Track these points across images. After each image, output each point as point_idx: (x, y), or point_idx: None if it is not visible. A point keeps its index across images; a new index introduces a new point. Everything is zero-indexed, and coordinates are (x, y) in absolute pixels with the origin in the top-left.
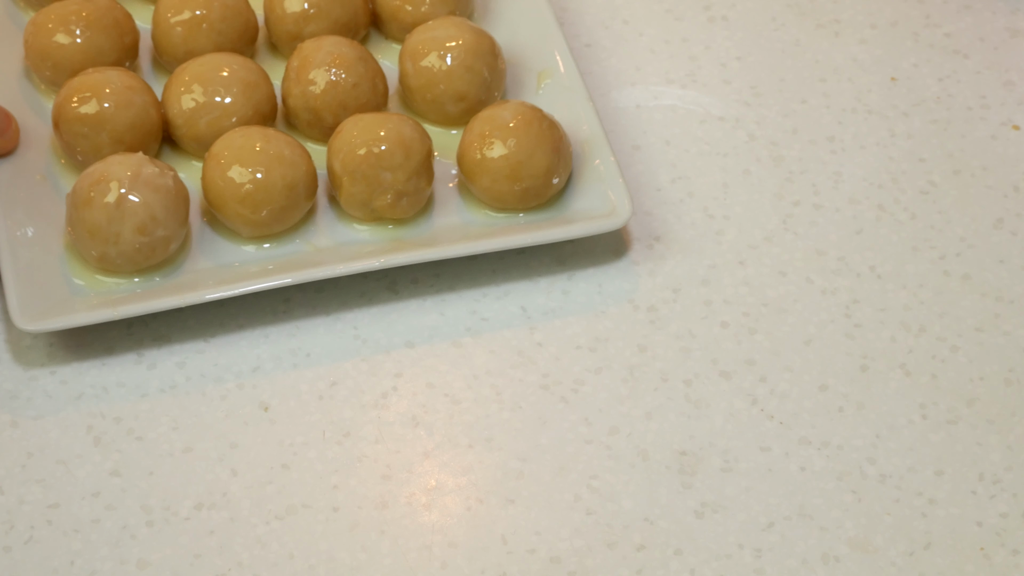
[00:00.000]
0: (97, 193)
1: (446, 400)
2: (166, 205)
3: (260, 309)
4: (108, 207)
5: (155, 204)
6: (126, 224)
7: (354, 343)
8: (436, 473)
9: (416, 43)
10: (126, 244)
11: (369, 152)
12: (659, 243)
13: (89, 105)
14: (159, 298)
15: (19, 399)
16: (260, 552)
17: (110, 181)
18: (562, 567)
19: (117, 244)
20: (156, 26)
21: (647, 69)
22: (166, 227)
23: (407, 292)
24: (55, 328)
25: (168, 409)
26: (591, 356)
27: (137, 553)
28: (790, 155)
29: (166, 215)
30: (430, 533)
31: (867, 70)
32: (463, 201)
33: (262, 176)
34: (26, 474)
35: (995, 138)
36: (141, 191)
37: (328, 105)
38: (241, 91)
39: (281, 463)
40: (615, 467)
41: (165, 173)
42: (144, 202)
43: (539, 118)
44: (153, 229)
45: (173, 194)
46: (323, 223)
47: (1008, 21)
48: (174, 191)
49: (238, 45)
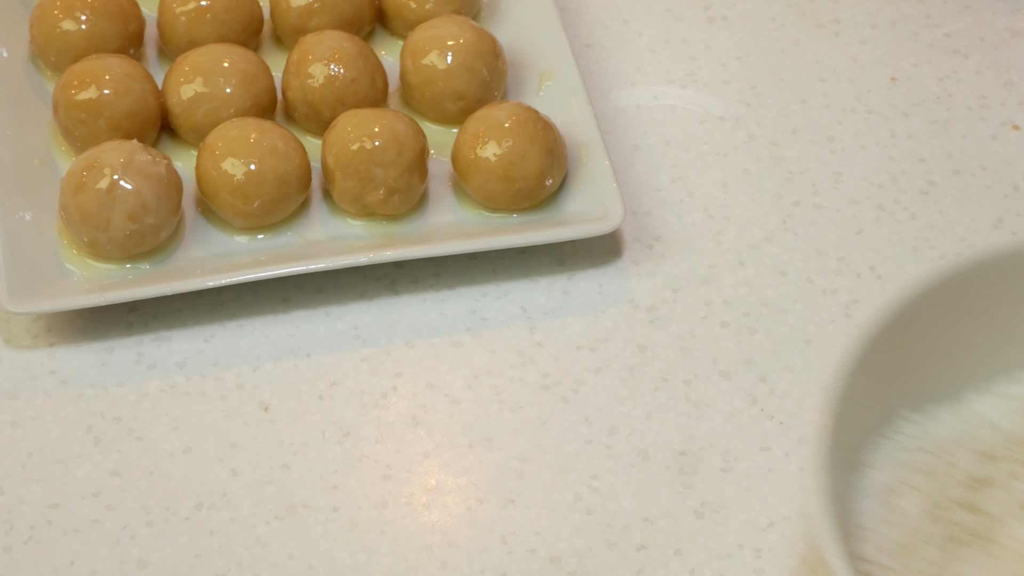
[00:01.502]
0: (89, 178)
1: (446, 400)
2: (158, 193)
3: (260, 309)
4: (99, 193)
5: (146, 192)
6: (116, 210)
7: (354, 343)
8: (436, 473)
9: (417, 40)
10: (116, 230)
11: (362, 147)
12: (659, 243)
13: (88, 91)
14: (147, 285)
15: (19, 399)
16: (260, 552)
17: (103, 167)
18: (562, 567)
19: (107, 230)
20: (161, 15)
21: (647, 69)
22: (157, 215)
23: (407, 292)
24: (40, 311)
25: (168, 409)
26: (591, 356)
27: (137, 553)
28: (790, 155)
29: (157, 203)
30: (430, 533)
31: (867, 70)
32: (457, 200)
33: (255, 168)
34: (26, 474)
35: (995, 138)
36: (133, 178)
37: (326, 99)
38: (240, 82)
39: (281, 463)
40: (615, 467)
41: (158, 161)
42: (135, 189)
43: (534, 119)
44: (143, 216)
45: (165, 182)
46: (316, 217)
47: (1008, 21)
48: (167, 179)
49: (242, 37)
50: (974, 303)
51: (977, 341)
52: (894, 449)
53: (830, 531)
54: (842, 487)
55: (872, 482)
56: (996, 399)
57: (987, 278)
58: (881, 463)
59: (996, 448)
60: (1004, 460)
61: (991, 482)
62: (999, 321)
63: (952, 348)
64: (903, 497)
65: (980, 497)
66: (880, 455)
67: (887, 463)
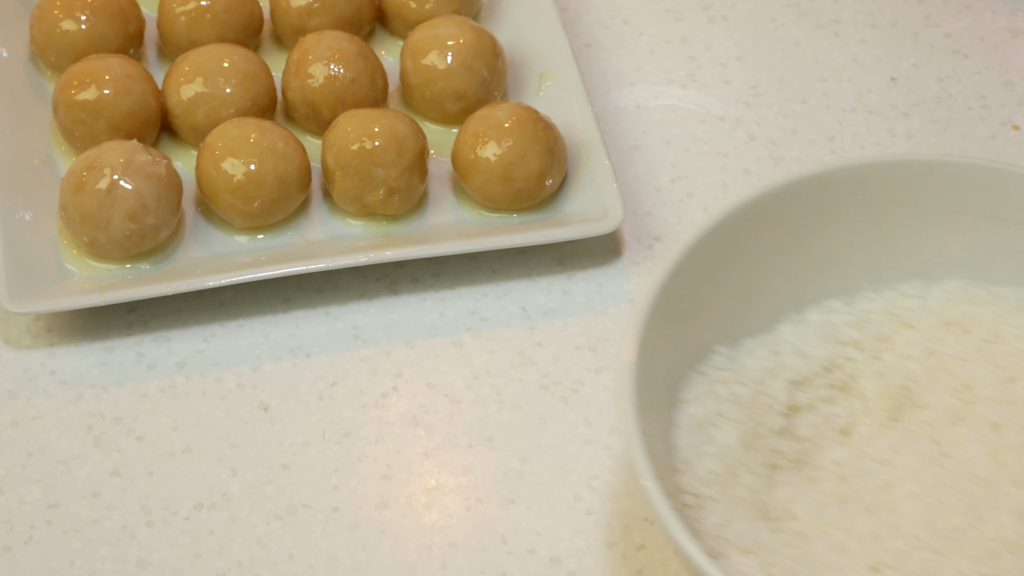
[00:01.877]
0: (89, 179)
1: (446, 400)
2: (158, 193)
3: (260, 309)
4: (99, 193)
5: (146, 192)
6: (116, 210)
7: (354, 343)
8: (436, 473)
9: (417, 40)
10: (116, 230)
11: (361, 147)
12: (659, 243)
13: (88, 91)
14: (147, 285)
15: (19, 399)
16: (260, 552)
17: (102, 167)
18: (562, 567)
19: (107, 230)
20: (161, 15)
21: (647, 69)
22: (157, 215)
23: (407, 292)
24: (40, 311)
25: (168, 409)
26: (591, 356)
27: (137, 553)
28: (790, 155)
29: (157, 203)
30: (430, 533)
31: (867, 70)
32: (457, 200)
33: (255, 168)
34: (26, 474)
35: (995, 138)
36: (133, 178)
37: (325, 99)
38: (240, 82)
39: (281, 463)
40: (615, 467)
41: (158, 161)
42: (135, 189)
43: (534, 119)
44: (143, 216)
45: (165, 182)
46: (316, 217)
47: (1008, 21)
48: (166, 179)
49: (242, 37)
50: (779, 235)
51: (786, 273)
52: (710, 383)
53: (643, 462)
54: (662, 423)
55: (690, 417)
56: (805, 328)
57: (790, 208)
58: (698, 398)
59: (807, 376)
60: (815, 387)
61: (805, 408)
62: (806, 251)
63: (762, 282)
64: (721, 429)
65: (795, 423)
66: (697, 390)
67: (704, 397)
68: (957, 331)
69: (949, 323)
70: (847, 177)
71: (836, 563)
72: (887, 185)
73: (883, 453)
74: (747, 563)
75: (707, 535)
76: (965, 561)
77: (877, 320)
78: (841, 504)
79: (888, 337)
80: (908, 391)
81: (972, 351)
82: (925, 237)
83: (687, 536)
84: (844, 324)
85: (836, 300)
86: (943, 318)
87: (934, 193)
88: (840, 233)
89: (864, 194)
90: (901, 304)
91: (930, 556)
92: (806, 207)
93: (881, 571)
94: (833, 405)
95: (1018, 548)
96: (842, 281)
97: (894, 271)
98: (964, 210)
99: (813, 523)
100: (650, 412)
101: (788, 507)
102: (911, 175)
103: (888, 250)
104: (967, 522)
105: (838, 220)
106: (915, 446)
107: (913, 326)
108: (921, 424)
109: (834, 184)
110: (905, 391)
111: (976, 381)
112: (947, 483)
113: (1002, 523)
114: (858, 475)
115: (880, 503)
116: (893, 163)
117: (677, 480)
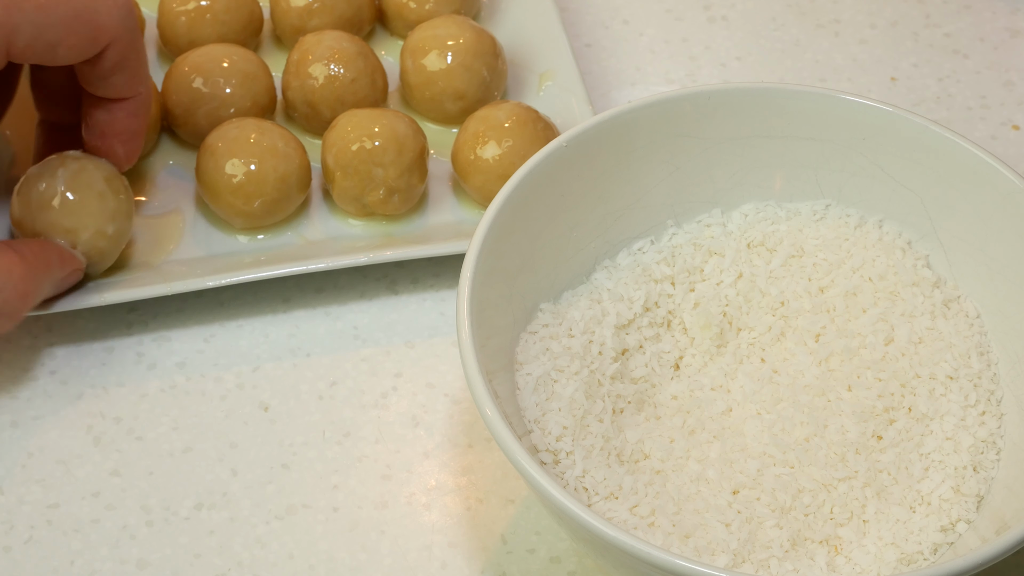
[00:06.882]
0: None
1: (446, 400)
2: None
3: (260, 309)
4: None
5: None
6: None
7: (354, 343)
8: (436, 473)
9: (417, 40)
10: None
11: (361, 147)
12: None
13: None
14: (147, 285)
15: (19, 399)
16: (260, 552)
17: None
18: (562, 567)
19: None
20: (161, 15)
21: (647, 69)
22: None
23: (407, 292)
24: (40, 311)
25: (168, 409)
26: None
27: (137, 553)
28: None
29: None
30: (430, 533)
31: (867, 70)
32: (457, 200)
33: (255, 168)
34: (26, 474)
35: (995, 138)
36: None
37: (325, 99)
38: (240, 83)
39: (281, 463)
40: None
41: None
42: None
43: (534, 119)
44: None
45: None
46: (316, 217)
47: (1008, 21)
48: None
49: (242, 37)
50: (581, 185)
51: (594, 221)
52: (542, 340)
53: (498, 423)
54: (507, 387)
55: (529, 377)
56: (619, 272)
57: (588, 157)
58: (534, 357)
59: (630, 318)
60: (640, 327)
61: (634, 350)
62: (610, 197)
63: (572, 234)
64: (561, 384)
65: (628, 366)
66: (532, 350)
67: (539, 356)
68: (762, 251)
69: (753, 245)
70: (636, 119)
71: (698, 493)
72: (674, 121)
73: (717, 380)
74: (615, 508)
75: (570, 488)
76: (817, 469)
77: (685, 253)
78: (689, 436)
79: (698, 268)
80: (727, 317)
81: (780, 268)
82: (715, 166)
83: (551, 482)
84: (654, 263)
85: (643, 240)
86: (746, 241)
87: (717, 122)
88: (638, 175)
89: (654, 133)
90: (704, 234)
91: (784, 470)
92: (604, 155)
93: (741, 492)
94: (660, 343)
95: (863, 447)
96: (647, 221)
97: (692, 203)
98: (747, 133)
99: (666, 459)
100: (496, 378)
101: (640, 447)
102: (694, 108)
103: (684, 184)
104: (811, 432)
105: (634, 163)
106: (745, 368)
107: (719, 253)
108: (746, 346)
109: (625, 127)
110: (725, 317)
111: (789, 295)
112: (783, 398)
113: (843, 426)
114: (698, 406)
115: (725, 429)
116: (675, 99)
117: (532, 440)
